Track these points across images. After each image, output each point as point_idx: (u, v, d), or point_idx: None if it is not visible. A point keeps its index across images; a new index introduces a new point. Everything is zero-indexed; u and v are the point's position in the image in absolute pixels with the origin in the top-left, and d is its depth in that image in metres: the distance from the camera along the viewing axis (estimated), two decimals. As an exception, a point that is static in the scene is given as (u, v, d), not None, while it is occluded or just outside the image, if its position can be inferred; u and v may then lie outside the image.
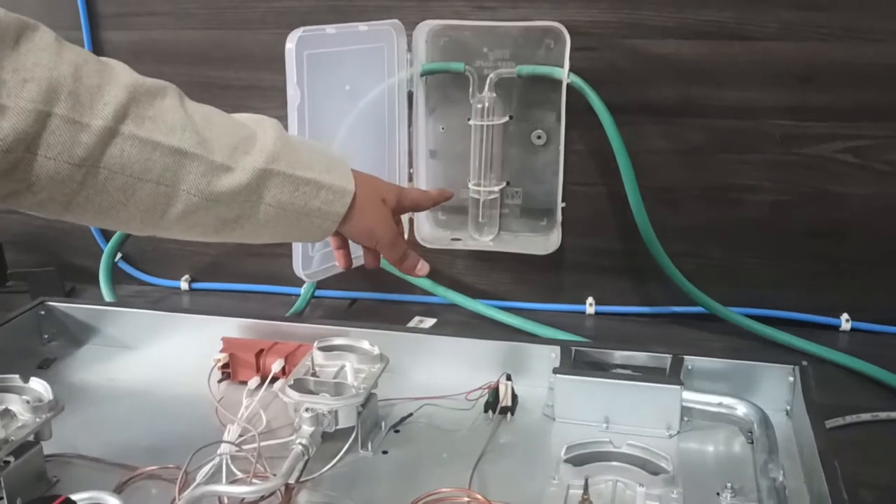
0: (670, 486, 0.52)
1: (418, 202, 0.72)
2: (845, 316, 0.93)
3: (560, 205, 0.92)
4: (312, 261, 0.88)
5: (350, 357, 0.70)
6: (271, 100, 1.00)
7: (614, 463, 0.55)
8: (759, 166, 0.91)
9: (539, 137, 0.93)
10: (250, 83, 1.01)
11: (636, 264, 0.95)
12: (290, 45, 0.81)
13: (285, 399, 0.65)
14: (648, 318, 0.97)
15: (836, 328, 0.93)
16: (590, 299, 0.99)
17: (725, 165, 0.92)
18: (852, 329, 0.93)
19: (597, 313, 0.99)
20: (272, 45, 0.98)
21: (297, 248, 0.86)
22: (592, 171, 0.94)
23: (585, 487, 0.51)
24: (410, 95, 0.92)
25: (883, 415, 0.75)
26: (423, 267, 0.70)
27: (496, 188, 0.94)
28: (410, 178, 0.94)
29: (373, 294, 1.03)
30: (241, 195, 0.57)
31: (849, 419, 0.74)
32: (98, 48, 1.03)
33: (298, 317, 0.97)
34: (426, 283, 1.00)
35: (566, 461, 0.54)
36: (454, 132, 0.95)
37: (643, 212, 0.89)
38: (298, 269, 0.86)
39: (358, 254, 0.71)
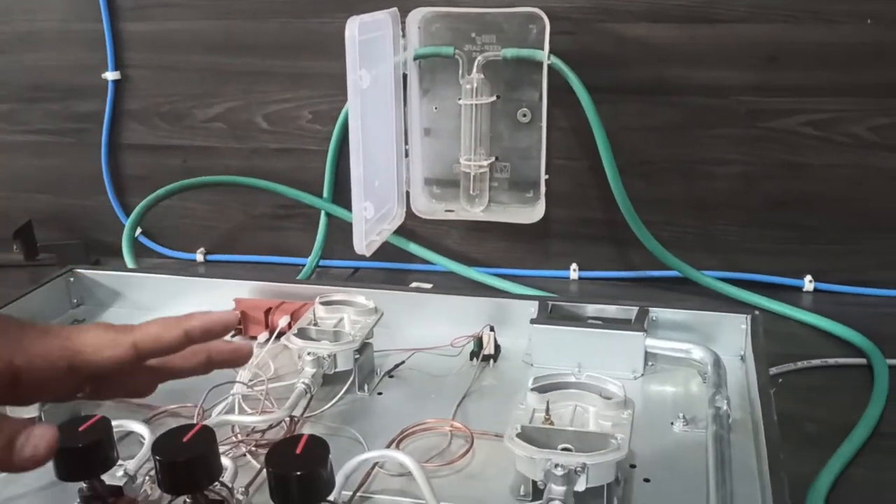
0: (621, 408, 0.60)
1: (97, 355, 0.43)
2: (808, 277, 1.00)
3: (543, 177, 1.00)
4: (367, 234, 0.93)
5: (348, 310, 0.78)
6: (278, 83, 1.09)
7: (573, 390, 0.62)
8: (728, 140, 0.98)
9: (524, 115, 1.01)
10: (260, 69, 1.09)
11: (616, 232, 1.02)
12: (351, 32, 0.83)
13: (290, 346, 0.73)
14: (628, 282, 1.05)
15: (799, 289, 1.01)
16: (573, 265, 1.06)
17: (697, 140, 0.99)
18: (815, 290, 1.00)
19: (580, 278, 1.06)
20: (279, 33, 1.07)
21: (360, 227, 0.91)
22: (574, 147, 1.01)
23: (547, 409, 0.59)
24: (405, 78, 1.00)
25: (832, 360, 0.82)
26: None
27: (485, 163, 1.02)
28: (406, 154, 1.02)
29: (374, 263, 1.10)
30: None
31: (800, 364, 0.81)
32: (118, 39, 1.11)
33: (304, 282, 1.05)
34: (425, 253, 1.07)
35: (532, 389, 0.62)
36: (446, 111, 1.03)
37: (620, 184, 0.97)
38: (360, 246, 0.92)
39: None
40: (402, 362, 0.79)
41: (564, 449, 0.56)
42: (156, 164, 1.14)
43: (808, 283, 1.00)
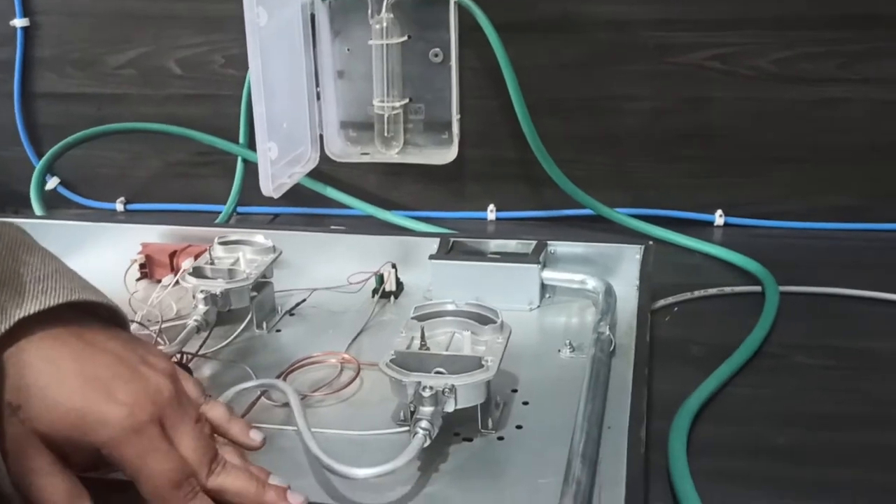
0: (497, 333, 0.61)
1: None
2: (719, 212, 1.02)
3: (455, 117, 1.00)
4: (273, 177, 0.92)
5: (245, 249, 0.78)
6: (189, 27, 1.07)
7: (452, 318, 0.63)
8: (634, 76, 0.98)
9: (436, 55, 1.00)
10: (170, 13, 1.07)
11: (531, 172, 1.02)
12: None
13: (185, 284, 0.74)
14: (544, 221, 1.06)
15: (711, 223, 1.02)
16: (491, 206, 1.07)
17: (604, 77, 0.99)
18: (725, 224, 1.02)
19: (497, 219, 1.07)
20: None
21: (265, 168, 0.90)
22: (486, 86, 1.01)
23: (422, 336, 0.60)
24: (313, 18, 0.99)
25: (728, 289, 0.84)
26: None
27: (398, 104, 1.02)
28: (319, 97, 1.01)
29: (293, 209, 1.11)
30: None
31: (697, 293, 0.83)
32: (24, -17, 1.09)
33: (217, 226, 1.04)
34: (342, 197, 1.07)
35: (412, 318, 0.63)
36: (359, 53, 1.02)
37: (530, 123, 0.97)
38: (267, 188, 0.91)
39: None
40: (303, 300, 0.80)
41: (438, 373, 0.57)
42: (70, 113, 1.12)
43: (718, 218, 1.02)
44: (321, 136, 1.03)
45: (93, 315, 0.48)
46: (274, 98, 0.89)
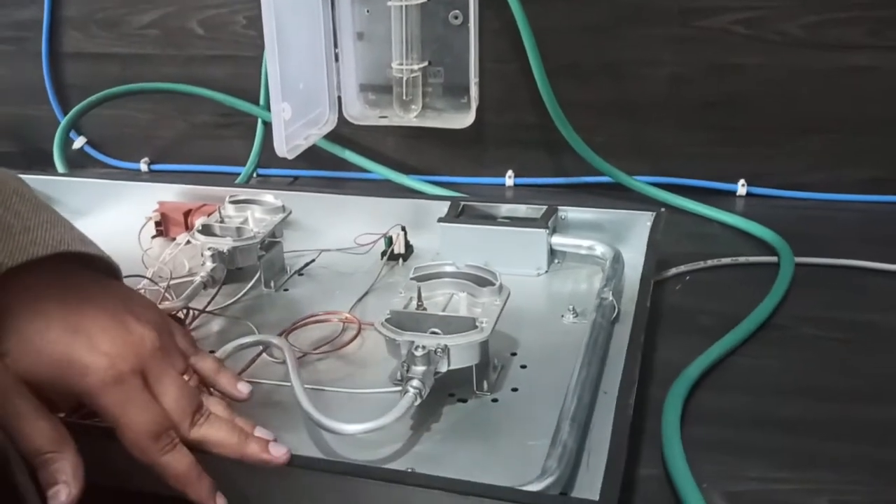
0: (495, 296, 0.61)
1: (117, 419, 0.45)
2: (741, 181, 1.00)
3: (473, 81, 0.99)
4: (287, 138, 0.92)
5: (255, 208, 0.79)
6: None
7: (451, 280, 0.63)
8: (657, 40, 0.96)
9: (456, 17, 0.99)
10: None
11: (550, 138, 1.01)
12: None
13: (194, 242, 0.75)
14: (563, 188, 1.05)
15: (733, 193, 1.00)
16: (509, 172, 1.06)
17: (626, 41, 0.97)
18: (748, 194, 1.00)
19: (516, 185, 1.06)
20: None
21: (279, 129, 0.90)
22: (506, 49, 1.00)
23: (419, 296, 0.60)
24: (331, -22, 0.98)
25: (742, 259, 0.82)
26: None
27: (417, 67, 1.01)
28: (337, 59, 1.01)
29: (313, 171, 1.11)
30: None
31: (710, 262, 0.82)
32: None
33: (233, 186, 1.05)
34: (360, 160, 1.07)
35: (412, 279, 0.63)
36: (378, 14, 1.01)
37: (548, 87, 0.96)
38: (280, 149, 0.90)
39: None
40: (312, 261, 0.80)
41: (433, 333, 0.58)
42: (96, 73, 1.14)
43: (741, 188, 1.00)
44: (339, 99, 1.03)
45: (85, 265, 0.49)
46: (289, 58, 0.89)
